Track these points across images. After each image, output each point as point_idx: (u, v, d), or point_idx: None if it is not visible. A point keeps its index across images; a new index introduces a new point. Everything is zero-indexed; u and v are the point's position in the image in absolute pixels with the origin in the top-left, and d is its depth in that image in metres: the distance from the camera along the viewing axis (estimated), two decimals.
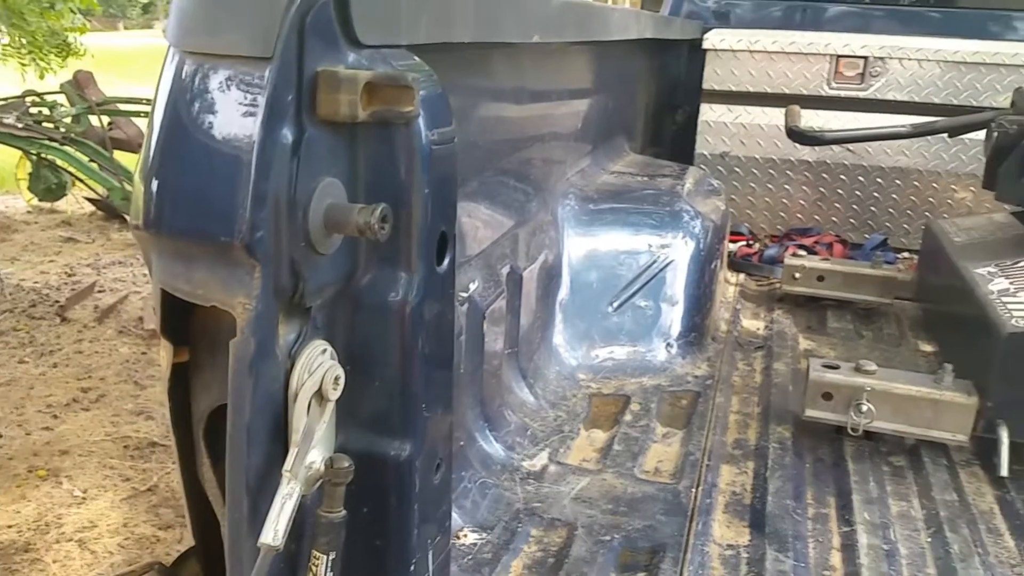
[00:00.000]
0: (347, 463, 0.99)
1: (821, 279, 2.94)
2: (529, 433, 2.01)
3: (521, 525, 1.69)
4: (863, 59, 3.45)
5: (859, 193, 3.59)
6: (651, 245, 2.48)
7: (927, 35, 3.59)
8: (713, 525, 1.73)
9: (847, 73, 3.47)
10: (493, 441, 1.88)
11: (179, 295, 0.95)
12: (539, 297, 2.20)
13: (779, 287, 3.05)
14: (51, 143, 6.52)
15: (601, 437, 2.06)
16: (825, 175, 3.59)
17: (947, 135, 2.99)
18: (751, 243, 3.65)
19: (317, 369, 0.98)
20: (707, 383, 2.34)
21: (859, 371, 2.02)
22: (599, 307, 2.41)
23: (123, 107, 7.34)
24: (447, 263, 1.10)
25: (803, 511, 1.79)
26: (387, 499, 1.08)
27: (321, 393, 0.98)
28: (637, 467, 1.92)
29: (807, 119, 3.22)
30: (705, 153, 3.65)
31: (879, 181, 3.56)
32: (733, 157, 3.63)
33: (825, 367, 2.05)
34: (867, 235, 3.62)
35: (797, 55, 3.49)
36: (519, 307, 2.04)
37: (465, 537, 1.63)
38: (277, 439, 0.96)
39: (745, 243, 3.63)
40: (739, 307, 2.97)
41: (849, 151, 3.51)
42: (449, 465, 1.19)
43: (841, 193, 3.61)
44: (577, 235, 2.42)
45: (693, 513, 1.75)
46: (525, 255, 2.09)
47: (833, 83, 3.49)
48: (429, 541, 1.16)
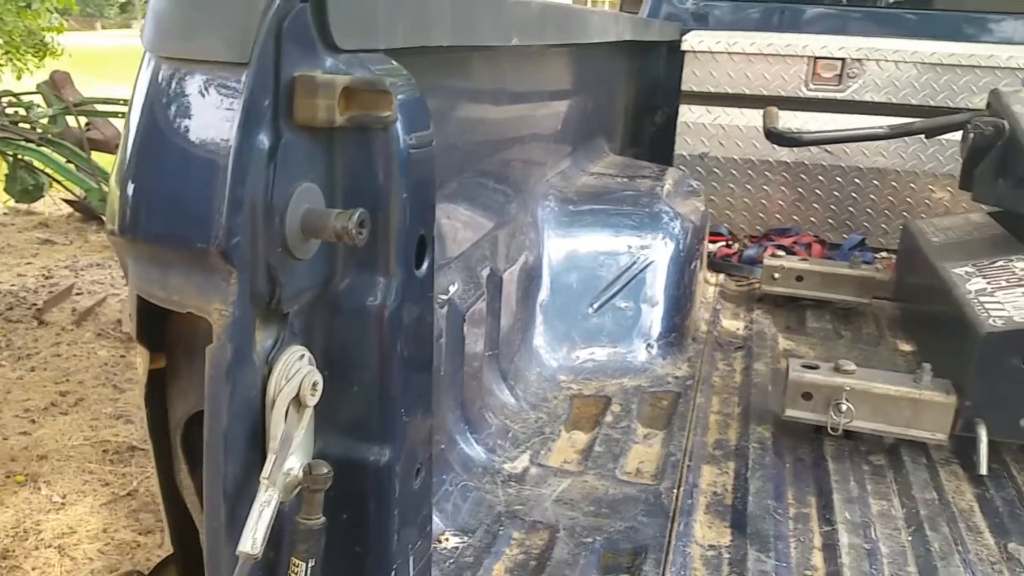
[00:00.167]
0: (326, 469, 0.98)
1: (800, 279, 2.95)
2: (510, 435, 2.01)
3: (503, 528, 1.69)
4: (841, 61, 3.46)
5: (837, 193, 3.61)
6: (631, 246, 2.48)
7: (904, 37, 3.61)
8: (695, 526, 1.73)
9: (825, 75, 3.48)
10: (474, 444, 1.88)
11: (155, 301, 0.95)
12: (519, 299, 2.20)
13: (758, 287, 3.06)
14: (28, 144, 6.46)
15: (582, 439, 2.06)
16: (804, 176, 3.61)
17: (924, 136, 3.00)
18: (731, 243, 3.66)
19: (295, 375, 0.97)
20: (687, 383, 2.34)
21: (838, 371, 2.03)
22: (579, 308, 2.41)
23: (100, 108, 7.27)
24: (426, 267, 1.10)
25: (784, 511, 1.80)
26: (367, 505, 1.07)
27: (299, 399, 0.97)
28: (618, 468, 1.92)
29: (785, 120, 3.23)
30: (684, 154, 3.66)
31: (857, 181, 3.57)
32: (712, 158, 3.64)
33: (804, 367, 2.06)
34: (845, 235, 3.64)
35: (775, 57, 3.50)
36: (499, 309, 2.03)
37: (447, 541, 1.63)
38: (255, 446, 0.96)
39: (725, 243, 3.64)
40: (719, 307, 2.98)
41: (827, 152, 3.53)
42: (429, 469, 1.19)
43: (819, 193, 3.62)
44: (557, 237, 2.42)
45: (674, 514, 1.76)
46: (505, 257, 2.09)
47: (811, 84, 3.50)
48: (410, 546, 1.15)
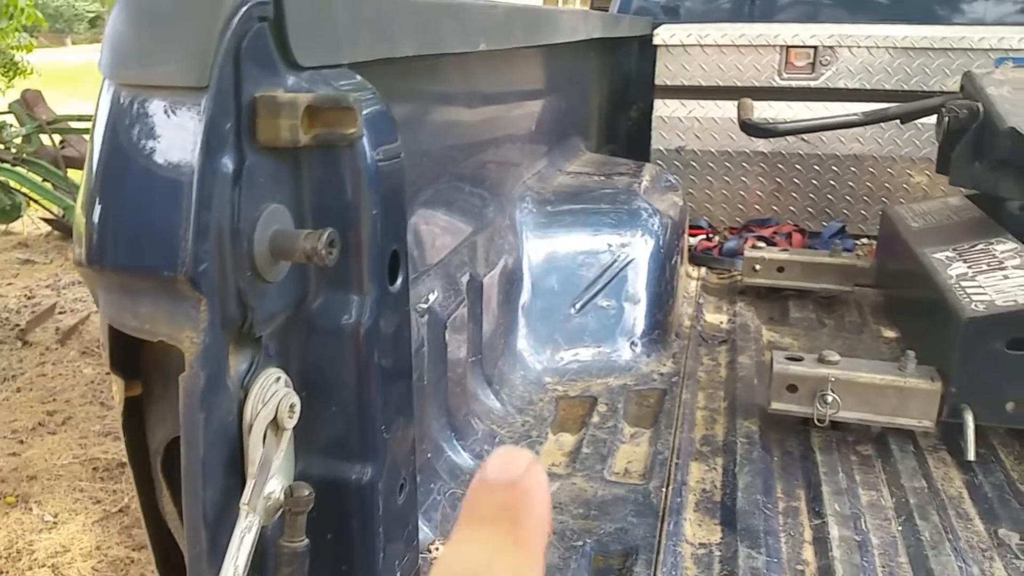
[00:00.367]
0: (307, 491, 0.97)
1: (781, 270, 2.95)
2: (497, 440, 2.00)
3: None
4: (813, 48, 3.46)
5: (815, 182, 3.61)
6: (610, 244, 2.47)
7: (876, 22, 3.62)
8: (684, 524, 1.73)
9: (797, 63, 3.48)
10: (461, 451, 1.87)
11: (126, 330, 0.93)
12: (501, 303, 2.19)
13: (740, 280, 3.06)
14: (3, 164, 6.42)
15: (569, 440, 2.05)
16: (781, 165, 3.61)
17: (899, 121, 3.00)
18: (711, 236, 3.66)
19: (271, 398, 0.96)
20: (673, 380, 2.34)
21: (822, 362, 2.02)
22: (561, 309, 2.40)
23: (74, 124, 7.22)
24: (400, 282, 1.09)
25: (773, 506, 1.79)
26: (350, 524, 1.06)
27: (276, 422, 0.96)
28: (606, 469, 1.92)
29: (760, 110, 3.23)
30: (661, 148, 3.65)
31: (834, 169, 3.58)
32: (689, 151, 3.64)
33: (789, 359, 2.05)
34: (825, 223, 3.64)
35: (747, 47, 3.50)
36: (481, 314, 2.03)
37: (436, 551, 1.62)
38: (233, 472, 0.95)
39: (705, 236, 3.64)
40: (702, 301, 2.98)
41: (804, 141, 3.53)
42: (414, 484, 1.18)
43: (797, 182, 3.62)
44: (536, 238, 2.41)
45: (664, 513, 1.75)
46: (484, 262, 2.08)
47: (784, 74, 3.50)
48: (397, 562, 1.14)
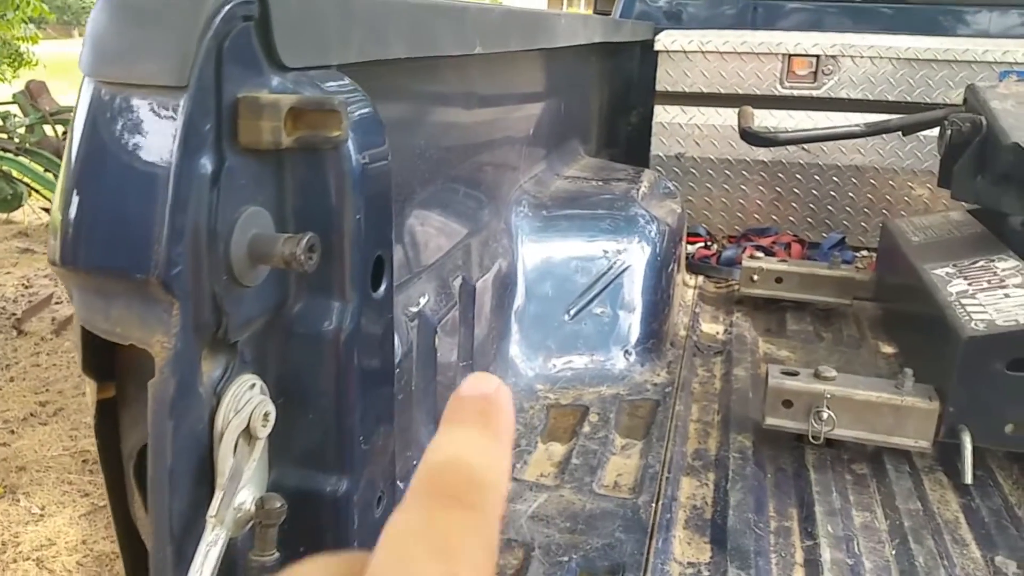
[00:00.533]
0: (279, 503, 0.94)
1: (779, 281, 2.92)
2: None
3: None
4: (815, 58, 3.43)
5: (816, 192, 3.58)
6: (606, 251, 2.44)
7: (880, 32, 3.59)
8: (673, 542, 1.69)
9: (799, 72, 3.45)
10: None
11: (98, 332, 0.91)
12: (493, 308, 2.16)
13: (738, 289, 3.03)
14: (5, 154, 6.41)
15: (559, 451, 2.02)
16: (781, 175, 3.58)
17: (901, 133, 2.97)
18: (709, 244, 3.63)
19: (245, 406, 0.93)
20: (666, 391, 2.30)
21: (818, 377, 1.99)
22: (555, 316, 2.37)
23: None
24: (384, 288, 1.06)
25: (765, 525, 1.76)
26: (324, 537, 1.03)
27: (249, 431, 0.93)
28: (596, 482, 1.88)
29: (761, 119, 3.20)
30: (660, 154, 3.62)
31: (835, 180, 3.55)
32: (688, 158, 3.61)
33: (784, 374, 2.02)
34: (825, 234, 3.61)
35: (749, 55, 3.47)
36: (473, 319, 2.00)
37: None
38: (203, 481, 0.92)
39: (703, 245, 3.60)
40: (698, 310, 2.95)
41: (805, 150, 3.50)
42: (391, 497, 1.15)
43: (798, 192, 3.59)
44: (531, 243, 2.38)
45: (653, 530, 1.72)
46: (478, 266, 2.05)
47: (786, 82, 3.47)
48: None
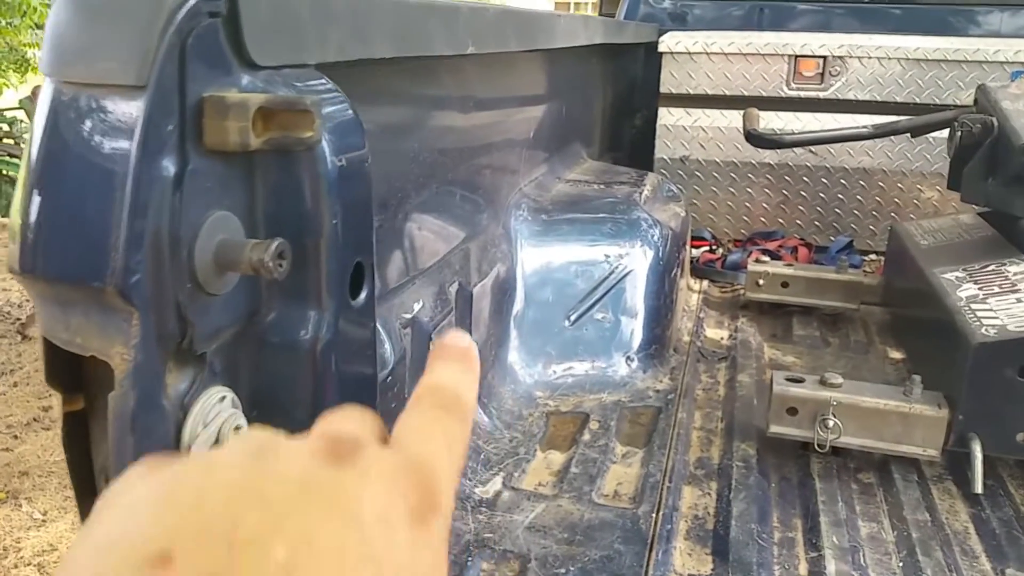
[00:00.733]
0: None
1: (786, 285, 2.86)
2: (482, 457, 1.92)
3: (471, 559, 1.60)
4: (822, 59, 3.38)
5: (823, 195, 3.52)
6: (608, 256, 2.40)
7: (888, 32, 3.53)
8: (674, 553, 1.65)
9: (806, 73, 3.40)
10: None
11: (58, 343, 0.87)
12: (492, 313, 2.11)
13: (743, 294, 2.97)
14: (11, 159, 6.41)
15: (558, 459, 1.97)
16: (788, 177, 3.52)
17: (910, 135, 2.91)
18: (714, 248, 3.58)
19: (213, 419, 0.88)
20: (669, 398, 2.26)
21: (824, 384, 1.94)
22: (555, 322, 2.32)
23: None
24: (364, 296, 1.01)
25: (768, 535, 1.71)
26: None
27: (219, 445, 0.89)
28: (595, 491, 1.84)
29: (767, 121, 3.15)
30: (665, 157, 3.57)
31: (843, 182, 3.49)
32: (693, 161, 3.56)
33: (789, 380, 1.97)
34: (832, 237, 3.55)
35: (755, 56, 3.42)
36: (470, 325, 1.95)
37: None
38: None
39: (708, 248, 3.55)
40: (702, 315, 2.90)
41: (812, 152, 3.44)
42: None
43: (804, 195, 3.54)
44: (531, 247, 2.34)
45: (653, 541, 1.67)
46: (476, 271, 2.01)
47: (792, 84, 3.42)
48: None
